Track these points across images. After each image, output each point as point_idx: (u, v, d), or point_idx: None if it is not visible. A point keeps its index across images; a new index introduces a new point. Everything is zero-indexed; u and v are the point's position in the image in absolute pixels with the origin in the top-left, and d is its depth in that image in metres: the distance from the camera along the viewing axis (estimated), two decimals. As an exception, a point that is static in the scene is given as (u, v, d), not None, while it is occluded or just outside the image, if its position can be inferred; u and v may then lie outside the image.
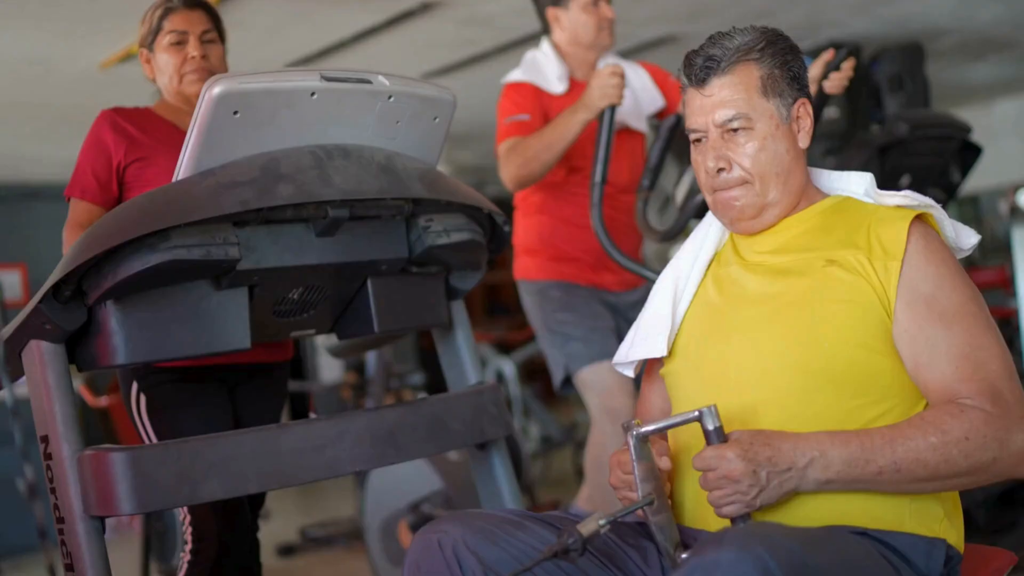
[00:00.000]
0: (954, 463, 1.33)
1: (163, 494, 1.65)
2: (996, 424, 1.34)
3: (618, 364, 1.72)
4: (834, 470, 1.33)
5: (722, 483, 1.33)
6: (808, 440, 1.34)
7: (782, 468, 1.33)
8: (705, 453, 1.35)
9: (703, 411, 1.36)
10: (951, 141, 3.48)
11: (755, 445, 1.33)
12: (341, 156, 1.76)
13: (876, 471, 1.33)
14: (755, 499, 1.32)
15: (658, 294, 1.65)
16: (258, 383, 2.30)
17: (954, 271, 1.46)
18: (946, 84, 7.26)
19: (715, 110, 1.52)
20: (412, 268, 1.99)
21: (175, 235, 1.62)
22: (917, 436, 1.34)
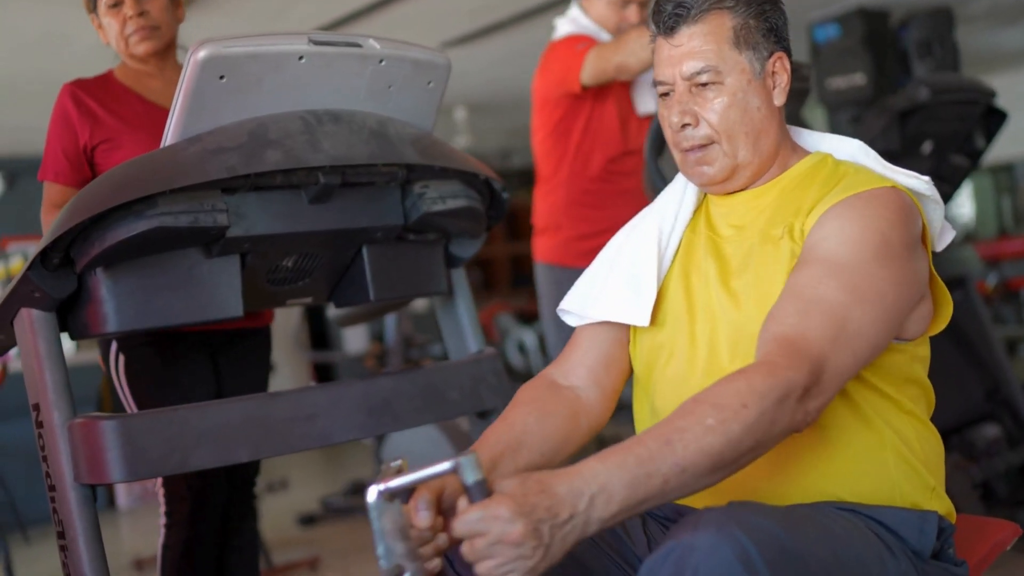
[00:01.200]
0: (738, 441, 1.15)
1: (153, 462, 1.65)
2: (774, 375, 1.17)
3: (564, 312, 1.58)
4: (618, 501, 1.11)
5: (496, 550, 1.08)
6: (581, 476, 1.12)
7: (564, 518, 1.10)
8: (469, 516, 1.09)
9: (460, 461, 1.12)
10: (975, 106, 3.39)
11: (528, 495, 1.09)
12: (331, 121, 1.74)
13: (661, 482, 1.13)
14: (541, 562, 1.09)
15: (641, 246, 1.53)
16: (240, 349, 2.29)
17: (873, 235, 1.30)
18: (977, 50, 7.11)
19: (683, 61, 1.42)
20: (409, 236, 1.96)
21: (162, 202, 1.61)
22: (692, 424, 1.15)
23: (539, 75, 3.05)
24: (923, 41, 5.70)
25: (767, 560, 1.06)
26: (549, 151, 3.06)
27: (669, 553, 1.08)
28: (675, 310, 1.48)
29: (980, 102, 3.41)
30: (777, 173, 1.48)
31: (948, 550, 1.36)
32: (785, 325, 1.25)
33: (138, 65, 2.22)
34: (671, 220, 1.54)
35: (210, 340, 2.24)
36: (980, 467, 3.21)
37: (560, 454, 1.44)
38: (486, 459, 1.33)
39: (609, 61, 2.79)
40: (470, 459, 1.11)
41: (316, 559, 4.02)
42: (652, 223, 1.55)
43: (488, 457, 1.35)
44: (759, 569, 1.05)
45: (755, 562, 1.05)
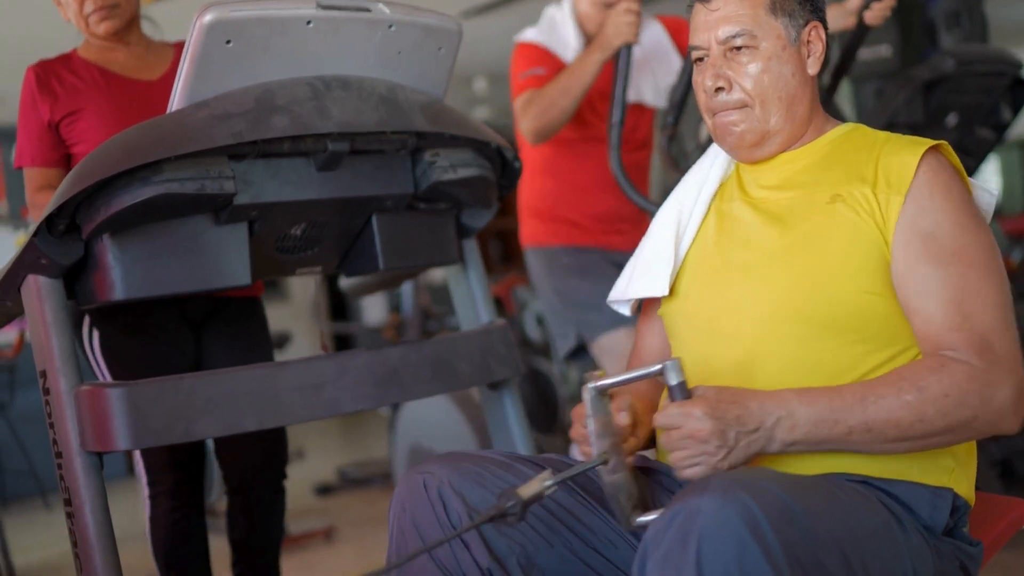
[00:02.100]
0: (929, 422, 1.24)
1: (159, 430, 1.64)
2: (980, 379, 1.25)
3: (614, 301, 1.64)
4: (801, 431, 1.24)
5: (686, 443, 1.22)
6: (774, 398, 1.25)
7: (750, 428, 1.23)
8: (669, 409, 1.23)
9: (666, 364, 1.25)
10: (1002, 77, 3.33)
11: (722, 403, 1.22)
12: (340, 87, 1.71)
13: (846, 431, 1.24)
14: (723, 461, 1.22)
15: (660, 227, 1.57)
16: (224, 319, 2.23)
17: (961, 208, 1.35)
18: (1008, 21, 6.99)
19: (718, 26, 1.43)
20: (420, 205, 1.94)
21: (168, 168, 1.59)
22: (891, 393, 1.24)
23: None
24: (951, 12, 5.57)
25: (773, 525, 1.05)
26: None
27: (675, 516, 1.07)
28: (704, 276, 1.48)
29: (1007, 74, 3.35)
30: (812, 138, 1.49)
31: (962, 528, 1.34)
32: (961, 325, 1.29)
33: (100, 41, 2.17)
34: (694, 194, 1.56)
35: (190, 312, 2.19)
36: (999, 445, 3.17)
37: None
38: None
39: (527, 128, 2.72)
40: (675, 363, 1.25)
41: (331, 528, 4.03)
42: (674, 201, 1.58)
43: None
44: (765, 533, 1.04)
45: (761, 526, 1.04)
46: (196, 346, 2.19)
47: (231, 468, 2.27)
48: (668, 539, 1.07)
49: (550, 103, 2.65)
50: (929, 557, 1.26)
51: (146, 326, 2.09)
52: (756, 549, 1.04)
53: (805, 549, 1.08)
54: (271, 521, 2.29)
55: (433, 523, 1.34)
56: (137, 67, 2.16)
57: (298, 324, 6.97)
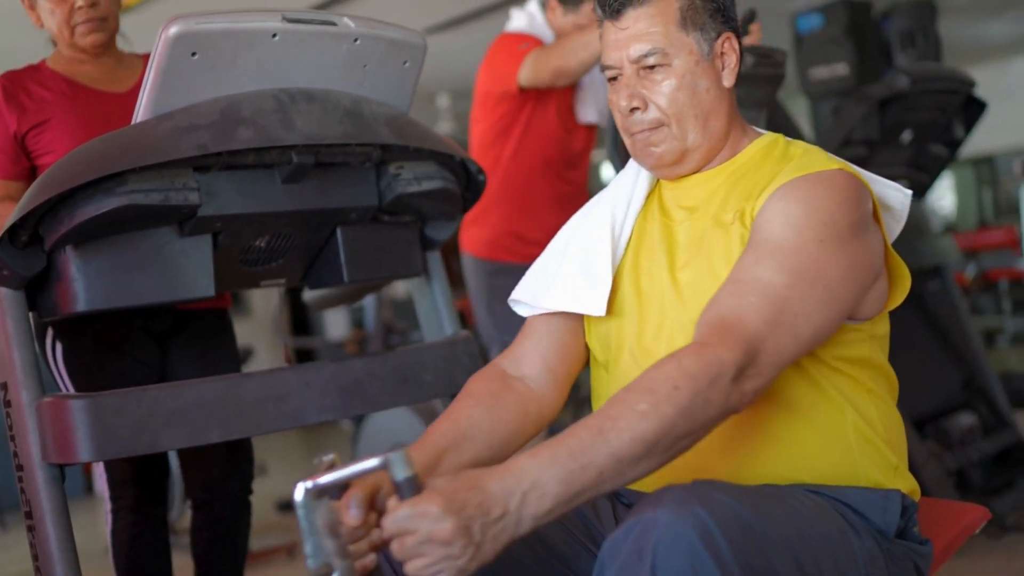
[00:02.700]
0: (672, 424, 1.13)
1: (123, 442, 1.64)
2: (706, 356, 1.16)
3: (517, 303, 1.55)
4: (551, 496, 1.09)
5: (425, 549, 1.05)
6: (512, 472, 1.10)
7: (496, 515, 1.07)
8: (398, 513, 1.06)
9: (389, 457, 1.08)
10: (955, 95, 3.40)
11: (459, 492, 1.06)
12: (305, 100, 1.72)
13: (596, 474, 1.11)
14: (471, 562, 1.06)
15: (594, 235, 1.50)
16: (189, 333, 2.21)
17: (817, 218, 1.28)
18: (960, 42, 7.14)
19: (629, 44, 1.39)
20: (384, 217, 1.95)
21: (132, 179, 1.59)
22: (625, 412, 1.13)
23: (482, 68, 3.03)
24: (906, 32, 5.69)
25: (728, 537, 1.07)
26: (488, 145, 3.05)
27: (630, 530, 1.08)
28: (628, 299, 1.46)
29: (959, 92, 3.42)
30: (728, 156, 1.46)
31: (912, 528, 1.37)
32: (722, 307, 1.24)
33: (73, 53, 2.14)
34: (624, 207, 1.51)
35: (155, 326, 2.17)
36: (955, 455, 3.23)
37: (510, 446, 1.41)
38: (429, 456, 1.30)
39: (547, 64, 2.78)
40: (399, 455, 1.08)
41: (294, 544, 4.01)
42: (605, 210, 1.52)
43: (431, 454, 1.31)
44: (720, 545, 1.06)
45: (716, 538, 1.06)
46: (161, 360, 2.17)
47: (195, 483, 2.26)
48: (624, 552, 1.08)
49: (572, 50, 2.73)
50: (883, 562, 1.29)
51: (110, 339, 2.08)
52: (709, 559, 1.05)
53: (759, 558, 1.10)
54: (235, 537, 2.28)
55: None
56: (106, 80, 2.15)
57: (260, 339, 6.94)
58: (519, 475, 1.09)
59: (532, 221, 2.97)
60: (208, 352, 2.22)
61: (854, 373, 1.36)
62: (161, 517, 2.22)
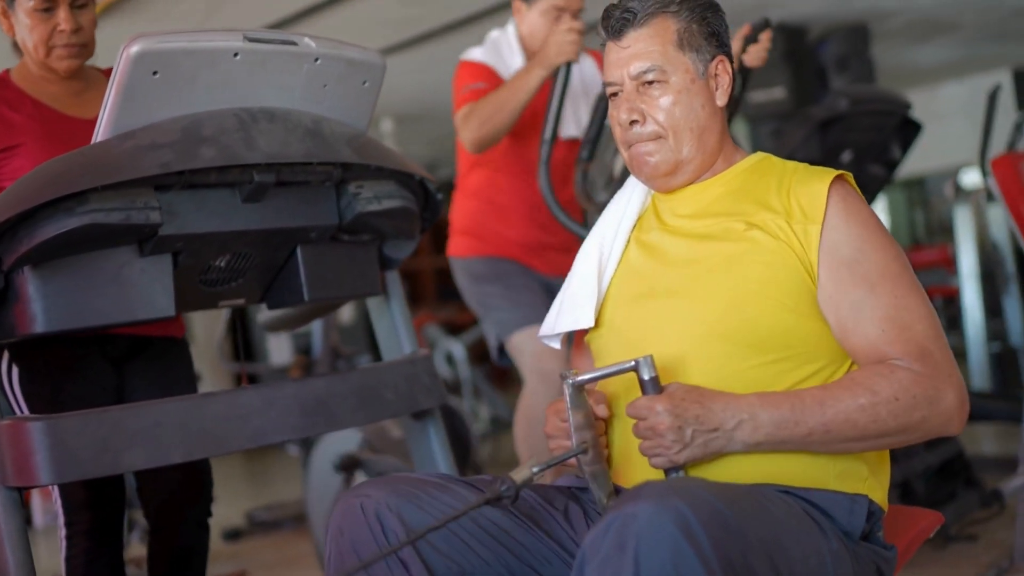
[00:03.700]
0: (883, 423, 1.33)
1: (83, 464, 1.61)
2: (925, 384, 1.34)
3: (545, 337, 1.68)
4: (764, 432, 1.32)
5: (648, 434, 1.32)
6: (740, 401, 1.33)
7: (708, 428, 1.31)
8: (638, 402, 1.33)
9: (639, 361, 1.34)
10: (891, 117, 3.49)
11: (686, 401, 1.32)
12: (266, 119, 1.73)
13: (806, 432, 1.33)
14: (678, 455, 1.31)
15: (583, 261, 1.62)
16: (146, 358, 2.18)
17: (875, 231, 1.44)
18: (892, 66, 7.33)
19: (630, 62, 1.51)
20: (343, 236, 1.96)
21: (93, 198, 1.58)
22: (847, 397, 1.33)
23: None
24: (841, 56, 5.86)
25: (706, 528, 1.10)
26: (465, 155, 3.07)
27: (611, 523, 1.11)
28: (625, 306, 1.54)
29: (896, 113, 3.51)
30: (723, 168, 1.56)
31: (877, 533, 1.41)
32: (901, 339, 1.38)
33: (43, 72, 2.09)
34: (614, 227, 1.62)
35: (112, 349, 2.13)
36: (899, 467, 3.30)
37: None
38: None
39: (468, 137, 2.77)
40: (647, 359, 1.34)
41: (242, 573, 3.95)
42: (597, 230, 1.65)
43: None
44: (699, 537, 1.09)
45: (695, 530, 1.09)
46: (118, 385, 2.15)
47: (152, 506, 2.22)
48: (606, 545, 1.11)
49: (488, 116, 2.71)
50: (848, 561, 1.33)
51: (67, 363, 2.05)
52: (690, 551, 1.09)
53: (736, 552, 1.14)
54: (194, 561, 2.25)
55: (371, 545, 1.36)
56: (75, 103, 2.11)
57: (203, 364, 6.84)
58: (743, 404, 1.34)
59: (508, 233, 2.99)
60: (165, 377, 2.19)
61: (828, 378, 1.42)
62: (116, 544, 2.18)
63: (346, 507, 1.40)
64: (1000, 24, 6.65)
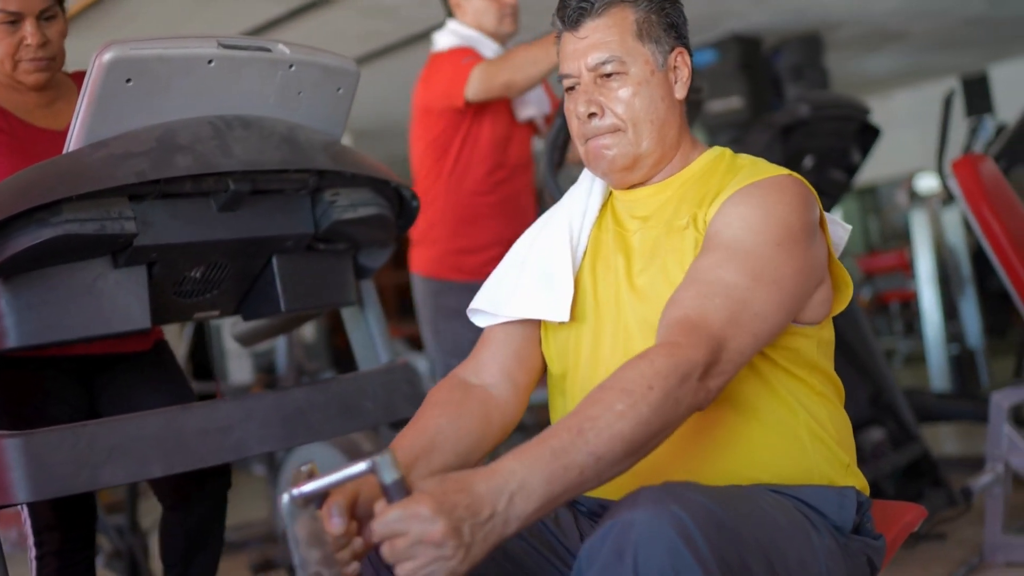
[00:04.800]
0: (648, 422, 1.16)
1: (61, 480, 1.58)
2: (675, 355, 1.19)
3: (476, 312, 1.55)
4: (537, 496, 1.11)
5: (416, 551, 1.05)
6: (499, 473, 1.11)
7: (484, 517, 1.08)
8: (388, 516, 1.06)
9: (376, 461, 1.08)
10: (851, 122, 3.54)
11: (448, 494, 1.07)
12: (241, 127, 1.71)
13: (578, 473, 1.13)
14: (462, 563, 1.07)
15: (554, 245, 1.52)
16: (116, 372, 2.13)
17: (773, 221, 1.33)
18: (845, 75, 7.44)
19: (588, 53, 1.44)
20: (319, 245, 1.94)
21: (67, 209, 1.55)
22: (603, 411, 1.15)
23: (422, 86, 3.02)
24: (795, 66, 5.94)
25: (703, 532, 1.09)
26: (428, 164, 3.05)
27: (608, 531, 1.09)
28: (584, 306, 1.49)
29: (855, 118, 3.56)
30: (679, 167, 1.51)
31: (867, 524, 1.41)
32: (686, 307, 1.27)
33: (12, 84, 2.04)
34: (580, 217, 1.55)
35: (83, 366, 2.08)
36: (868, 468, 3.33)
37: (475, 454, 1.42)
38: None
39: (495, 78, 2.77)
40: (386, 458, 1.07)
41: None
42: (562, 221, 1.56)
43: (401, 462, 1.26)
44: (697, 541, 1.07)
45: (693, 534, 1.08)
46: (89, 403, 2.10)
47: (168, 484, 2.13)
48: (604, 553, 1.09)
49: (520, 65, 2.71)
50: (841, 557, 1.33)
51: (36, 380, 2.00)
52: (689, 556, 1.07)
53: (733, 554, 1.12)
54: (210, 541, 2.19)
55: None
56: (46, 114, 2.06)
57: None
58: (506, 476, 1.10)
59: (477, 234, 2.98)
60: (135, 394, 2.14)
61: (804, 376, 1.41)
62: (88, 562, 2.13)
63: None
64: (948, 33, 6.79)
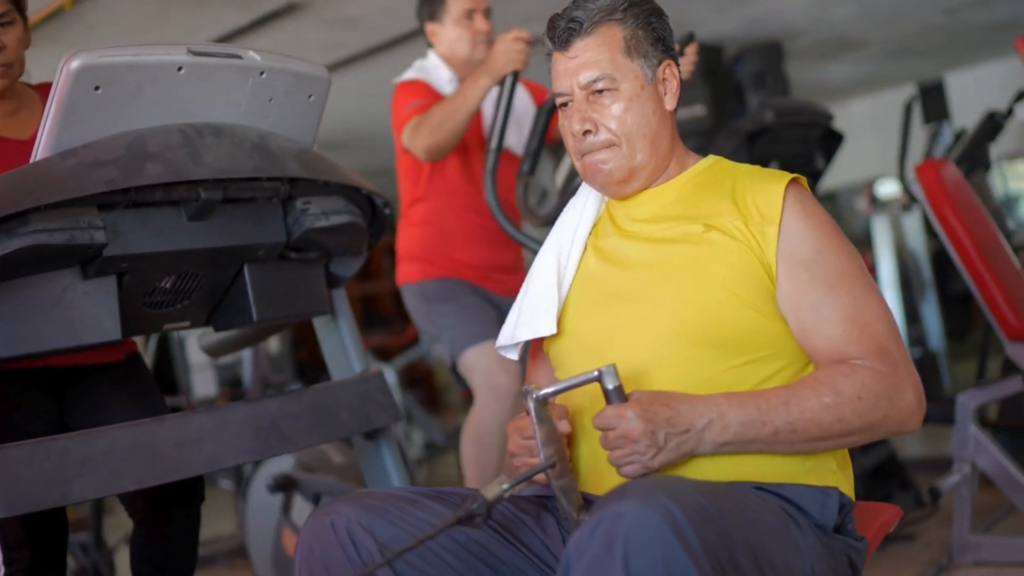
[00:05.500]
0: (847, 422, 1.34)
1: (31, 496, 1.54)
2: (886, 382, 1.35)
3: (502, 348, 1.65)
4: (731, 432, 1.32)
5: (621, 443, 1.30)
6: (706, 402, 1.33)
7: (680, 429, 1.31)
8: (605, 412, 1.32)
9: (602, 370, 1.33)
10: (815, 128, 3.57)
11: (654, 405, 1.31)
12: (212, 134, 1.69)
13: (772, 432, 1.33)
14: (653, 459, 1.30)
15: (541, 271, 1.60)
16: (88, 385, 2.10)
17: (831, 233, 1.46)
18: (805, 83, 7.52)
19: (579, 72, 1.50)
20: (291, 254, 1.92)
21: (35, 219, 1.52)
22: (811, 396, 1.34)
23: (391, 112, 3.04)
24: (756, 74, 5.99)
25: (693, 525, 1.10)
26: (407, 187, 3.09)
27: (598, 524, 1.10)
28: (584, 312, 1.52)
29: (819, 124, 3.60)
30: (676, 172, 1.56)
31: (849, 525, 1.43)
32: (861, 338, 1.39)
33: None
34: (570, 235, 1.60)
35: (53, 379, 2.05)
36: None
37: None
38: None
39: (417, 145, 2.78)
40: (610, 368, 1.33)
41: None
42: (553, 239, 1.63)
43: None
44: (687, 533, 1.09)
45: (683, 526, 1.09)
46: (59, 417, 2.06)
47: (139, 496, 2.09)
48: (593, 546, 1.10)
49: (438, 123, 2.72)
50: (823, 555, 1.34)
51: (5, 396, 1.96)
52: (679, 548, 1.08)
53: (722, 548, 1.14)
54: (184, 554, 2.15)
55: (344, 564, 1.32)
56: (8, 124, 2.03)
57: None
58: (711, 404, 1.33)
59: (456, 255, 3.00)
60: (107, 406, 2.10)
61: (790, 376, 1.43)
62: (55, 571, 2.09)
63: (316, 525, 1.36)
64: (905, 42, 6.88)
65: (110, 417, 2.00)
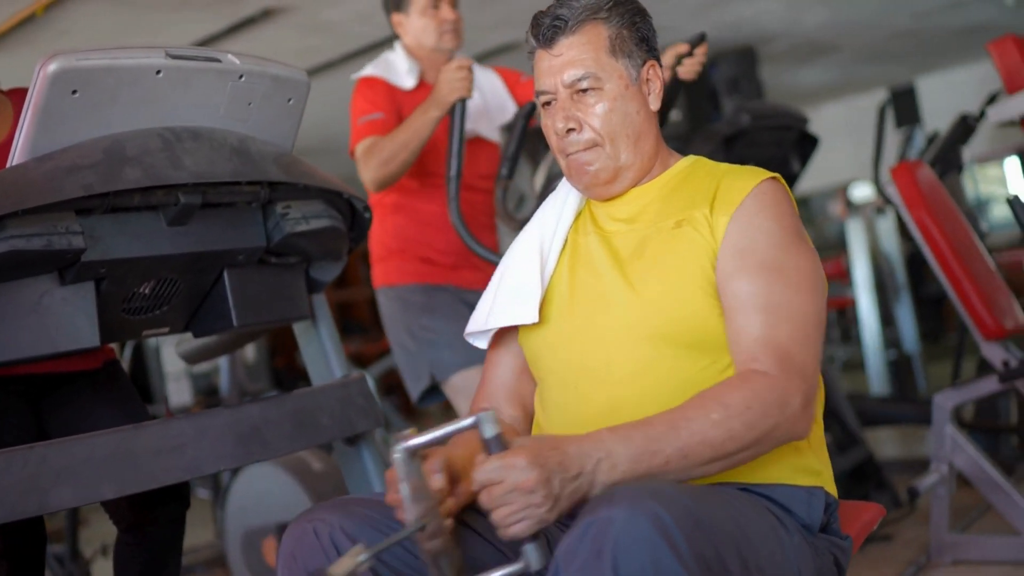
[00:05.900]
0: (739, 437, 1.27)
1: (9, 505, 1.52)
2: (777, 388, 1.30)
3: (471, 335, 1.62)
4: (620, 469, 1.22)
5: (511, 497, 1.17)
6: (592, 440, 1.23)
7: (572, 474, 1.20)
8: (488, 465, 1.19)
9: (479, 416, 1.20)
10: (790, 131, 3.59)
11: (543, 450, 1.19)
12: (191, 138, 1.68)
13: (663, 462, 1.24)
14: (550, 511, 1.18)
15: (523, 256, 1.57)
16: (66, 392, 2.07)
17: (785, 228, 1.42)
18: (779, 87, 7.57)
19: (563, 70, 1.48)
20: (271, 259, 1.91)
21: (11, 224, 1.50)
22: (698, 416, 1.27)
23: None
24: (731, 79, 6.03)
25: (681, 529, 1.09)
26: None
27: (587, 529, 1.10)
28: (560, 307, 1.51)
29: (794, 128, 3.62)
30: (659, 172, 1.55)
31: (834, 524, 1.43)
32: (763, 337, 1.35)
33: None
34: (552, 225, 1.59)
35: (30, 387, 2.03)
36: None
37: None
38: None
39: (369, 175, 2.75)
40: (488, 415, 1.20)
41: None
42: (533, 232, 1.60)
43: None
44: (676, 537, 1.08)
45: (671, 530, 1.08)
46: (37, 425, 2.03)
47: (124, 504, 2.07)
48: (582, 552, 1.09)
49: (390, 156, 2.70)
50: (809, 555, 1.34)
51: None
52: (668, 552, 1.07)
53: (710, 550, 1.13)
54: (168, 559, 2.13)
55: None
56: None
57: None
58: (596, 443, 1.23)
59: (433, 242, 2.95)
60: (86, 414, 2.08)
61: None
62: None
63: (298, 532, 1.34)
64: (876, 47, 6.94)
65: (93, 424, 1.99)
